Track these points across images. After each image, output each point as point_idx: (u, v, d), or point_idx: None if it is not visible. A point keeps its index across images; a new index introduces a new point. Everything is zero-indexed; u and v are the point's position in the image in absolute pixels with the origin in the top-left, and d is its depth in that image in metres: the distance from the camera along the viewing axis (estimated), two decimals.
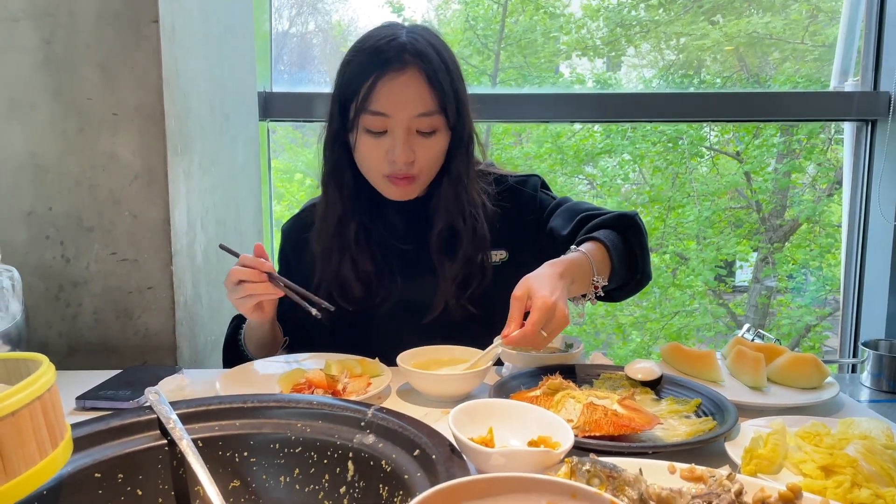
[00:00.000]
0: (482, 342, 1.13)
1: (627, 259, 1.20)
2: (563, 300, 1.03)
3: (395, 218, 1.37)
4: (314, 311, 1.19)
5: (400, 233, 1.36)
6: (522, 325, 1.02)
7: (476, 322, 1.30)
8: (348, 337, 1.33)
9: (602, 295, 1.17)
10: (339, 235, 1.33)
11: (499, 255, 1.35)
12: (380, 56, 1.20)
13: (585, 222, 1.25)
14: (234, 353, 1.35)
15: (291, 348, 1.37)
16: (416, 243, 1.34)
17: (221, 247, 1.30)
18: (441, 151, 1.28)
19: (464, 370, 1.10)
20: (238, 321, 1.39)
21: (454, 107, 1.25)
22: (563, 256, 1.13)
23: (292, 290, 1.22)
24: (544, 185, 1.43)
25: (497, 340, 1.15)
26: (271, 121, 2.28)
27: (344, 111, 1.26)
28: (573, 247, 1.16)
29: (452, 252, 1.31)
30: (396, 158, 1.22)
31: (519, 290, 1.05)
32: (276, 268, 1.42)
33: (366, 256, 1.33)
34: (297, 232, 1.43)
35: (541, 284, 1.03)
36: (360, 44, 1.26)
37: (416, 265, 1.34)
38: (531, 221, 1.37)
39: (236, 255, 1.24)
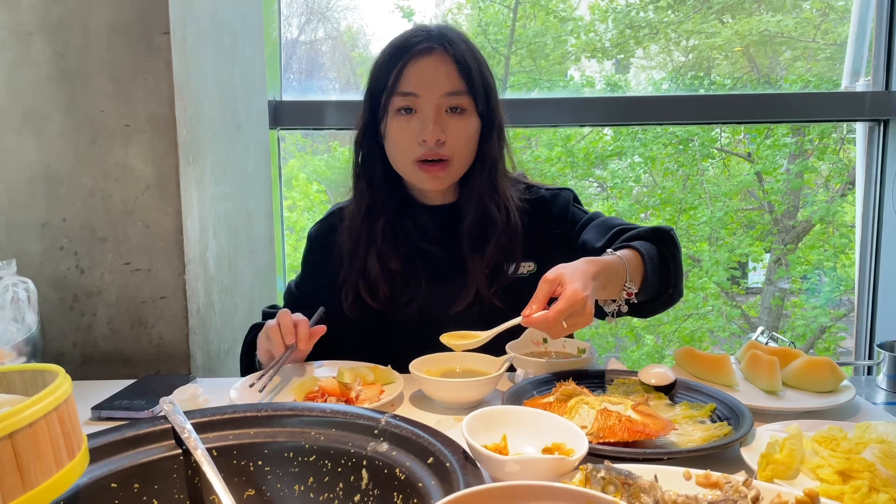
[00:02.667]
0: (506, 338, 1.13)
1: (661, 272, 1.19)
2: (593, 299, 1.02)
3: (425, 220, 1.37)
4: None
5: (429, 235, 1.36)
6: (546, 308, 1.01)
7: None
8: (374, 337, 1.34)
9: (634, 302, 1.15)
10: (367, 229, 1.34)
11: (527, 267, 1.34)
12: (407, 44, 1.26)
13: (619, 235, 1.24)
14: (250, 364, 1.34)
15: (317, 353, 1.35)
16: (445, 246, 1.34)
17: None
18: (471, 136, 1.29)
19: (477, 376, 1.10)
20: (254, 332, 1.36)
21: (482, 92, 1.27)
22: (599, 257, 1.12)
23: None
24: (576, 200, 1.43)
25: (510, 352, 1.15)
26: (281, 129, 2.29)
27: (375, 103, 1.29)
28: (609, 250, 1.15)
29: (485, 241, 1.31)
30: (427, 136, 1.23)
31: (551, 275, 1.03)
32: (303, 271, 1.46)
33: (393, 254, 1.33)
34: (323, 236, 1.44)
35: (574, 276, 1.01)
36: (389, 44, 1.30)
37: (444, 269, 1.34)
38: (562, 234, 1.37)
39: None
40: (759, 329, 1.49)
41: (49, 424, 0.63)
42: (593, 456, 0.80)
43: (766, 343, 1.37)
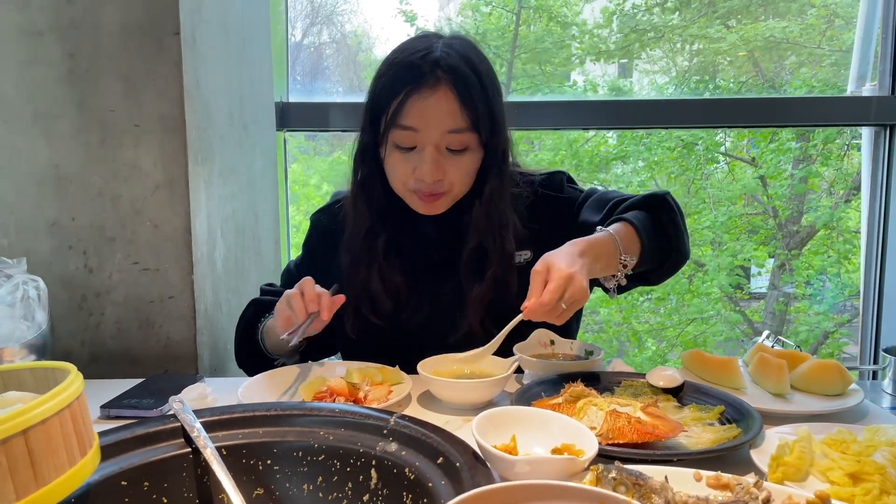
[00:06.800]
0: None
1: (659, 239, 1.17)
2: (583, 273, 1.03)
3: (428, 228, 1.34)
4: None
5: (433, 243, 1.35)
6: None
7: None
8: (374, 350, 1.30)
9: (632, 273, 1.14)
10: (367, 249, 1.31)
11: (523, 255, 1.32)
12: (412, 71, 1.19)
13: (616, 207, 1.23)
14: (248, 339, 1.33)
15: (310, 355, 1.34)
16: (449, 254, 1.32)
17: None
18: (473, 169, 1.26)
19: (484, 376, 1.10)
20: (256, 309, 1.36)
21: (487, 124, 1.22)
22: (586, 236, 1.12)
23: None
24: (570, 180, 1.41)
25: (517, 353, 1.15)
26: (288, 131, 2.30)
27: (375, 124, 1.25)
28: (598, 227, 1.14)
29: (481, 273, 1.29)
30: (424, 176, 1.21)
31: (539, 266, 1.05)
32: (302, 254, 1.46)
33: (395, 270, 1.31)
34: (325, 222, 1.43)
35: (558, 258, 1.04)
36: (394, 56, 1.24)
37: (448, 276, 1.32)
38: (558, 220, 1.34)
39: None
40: (765, 333, 1.49)
41: (62, 422, 0.63)
42: (603, 457, 0.80)
43: (773, 346, 1.37)
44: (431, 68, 1.18)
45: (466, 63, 1.21)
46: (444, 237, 1.34)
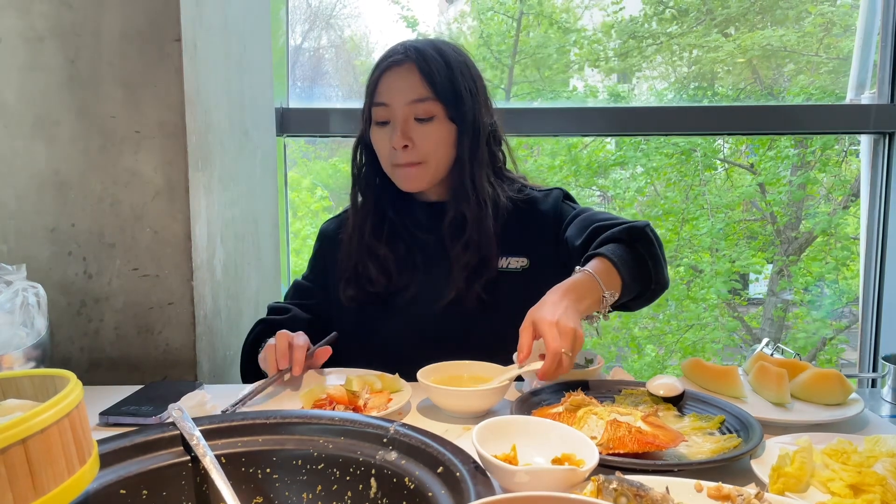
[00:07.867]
0: (498, 336, 1.17)
1: (638, 271, 1.21)
2: (568, 317, 1.05)
3: (421, 212, 1.45)
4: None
5: (424, 226, 1.43)
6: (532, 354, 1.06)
7: (489, 311, 1.34)
8: (370, 325, 1.39)
9: (611, 310, 1.18)
10: (362, 227, 1.42)
11: (519, 262, 1.38)
12: (388, 56, 1.35)
13: (597, 233, 1.27)
14: (252, 360, 1.37)
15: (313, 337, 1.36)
16: (436, 235, 1.41)
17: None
18: (442, 140, 1.34)
19: (485, 387, 1.10)
20: (262, 328, 1.41)
21: (451, 96, 1.32)
22: (565, 280, 1.15)
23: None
24: (567, 197, 1.46)
25: (515, 361, 1.15)
26: (288, 136, 2.30)
27: (366, 113, 1.39)
28: (578, 267, 1.18)
29: (461, 236, 1.37)
30: (395, 143, 1.32)
31: (525, 323, 1.08)
32: (310, 264, 1.53)
33: (387, 247, 1.41)
34: (334, 231, 1.51)
35: (542, 313, 1.07)
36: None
37: (436, 256, 1.40)
38: (551, 232, 1.40)
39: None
40: (765, 340, 1.49)
41: (61, 431, 0.63)
42: (603, 467, 0.80)
43: (772, 355, 1.37)
44: (400, 52, 1.34)
45: (434, 48, 1.35)
46: (434, 220, 1.41)
